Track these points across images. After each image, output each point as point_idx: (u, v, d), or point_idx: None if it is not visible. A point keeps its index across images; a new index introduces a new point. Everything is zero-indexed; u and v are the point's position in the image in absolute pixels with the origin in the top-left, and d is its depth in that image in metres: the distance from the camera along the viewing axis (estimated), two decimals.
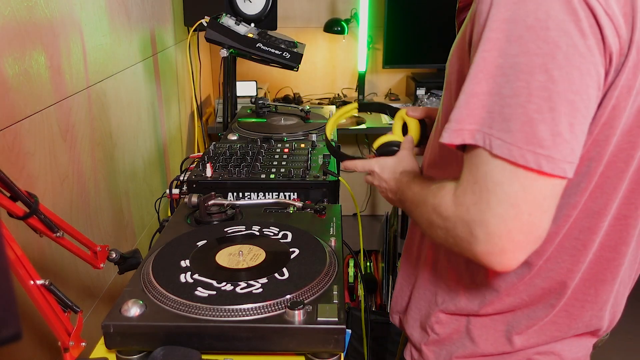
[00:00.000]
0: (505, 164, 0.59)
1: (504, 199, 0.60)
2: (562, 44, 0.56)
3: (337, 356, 0.77)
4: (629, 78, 0.61)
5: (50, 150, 1.21)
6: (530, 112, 0.57)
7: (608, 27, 0.57)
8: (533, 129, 0.57)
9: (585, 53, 0.57)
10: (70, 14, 1.33)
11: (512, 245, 0.61)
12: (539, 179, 0.59)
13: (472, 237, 0.63)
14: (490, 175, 0.60)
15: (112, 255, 1.01)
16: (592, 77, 0.58)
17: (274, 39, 1.80)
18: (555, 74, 0.56)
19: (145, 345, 0.77)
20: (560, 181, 0.60)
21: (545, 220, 0.61)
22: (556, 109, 0.57)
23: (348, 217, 1.04)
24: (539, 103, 0.57)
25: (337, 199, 1.30)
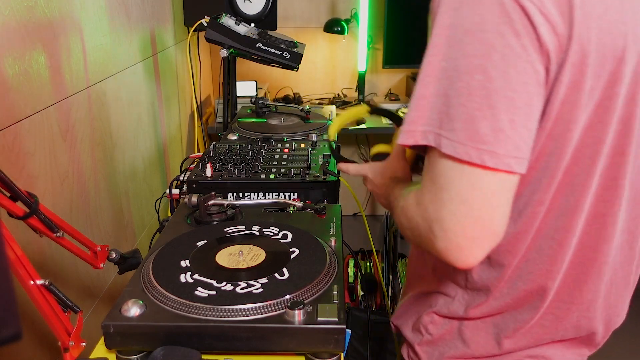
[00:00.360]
0: (453, 162, 0.61)
1: (455, 196, 0.62)
2: (497, 44, 0.59)
3: (337, 356, 0.77)
4: (575, 73, 0.62)
5: (50, 150, 1.21)
6: (472, 110, 0.60)
7: (543, 26, 0.59)
8: (475, 126, 0.59)
9: (521, 52, 0.59)
10: (70, 14, 1.33)
11: (467, 242, 0.62)
12: (486, 175, 0.60)
13: (432, 235, 0.65)
14: (442, 174, 0.63)
15: (112, 255, 1.01)
16: (529, 75, 0.60)
17: (274, 39, 1.80)
18: (493, 73, 0.59)
19: (145, 345, 0.77)
20: (508, 176, 0.61)
21: (498, 216, 0.62)
22: (495, 106, 0.59)
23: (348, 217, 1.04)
24: (479, 101, 0.59)
25: (337, 199, 1.30)
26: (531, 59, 0.59)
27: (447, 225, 0.63)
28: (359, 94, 3.19)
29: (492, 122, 0.59)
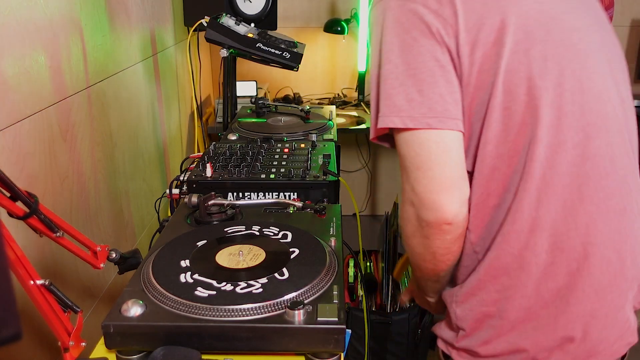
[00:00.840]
0: (397, 135, 0.80)
1: (410, 163, 0.79)
2: (396, 41, 0.79)
3: (337, 356, 0.77)
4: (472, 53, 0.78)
5: (50, 150, 1.21)
6: (388, 90, 0.79)
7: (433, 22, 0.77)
8: (393, 101, 0.78)
9: (413, 42, 0.78)
10: (70, 14, 1.33)
11: (435, 196, 0.77)
12: (417, 136, 0.77)
13: (415, 208, 0.81)
14: (399, 151, 0.81)
15: (112, 255, 1.01)
16: (427, 56, 0.77)
17: (274, 39, 1.80)
18: (397, 61, 0.79)
19: (145, 345, 0.77)
20: (435, 133, 0.77)
21: (448, 168, 0.77)
22: (404, 83, 0.78)
23: (348, 217, 1.05)
24: (391, 83, 0.79)
25: (337, 199, 1.30)
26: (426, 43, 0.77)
27: (417, 189, 0.79)
28: (359, 94, 3.19)
29: (405, 94, 0.77)
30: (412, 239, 0.87)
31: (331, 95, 3.31)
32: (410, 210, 0.83)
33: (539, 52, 0.78)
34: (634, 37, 3.25)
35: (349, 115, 2.93)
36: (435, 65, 0.77)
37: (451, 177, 0.77)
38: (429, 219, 0.80)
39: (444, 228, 0.80)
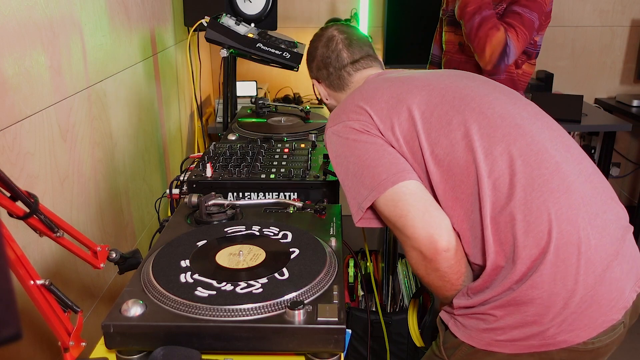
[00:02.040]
0: (377, 205, 0.99)
1: (396, 217, 0.97)
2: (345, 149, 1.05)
3: (337, 356, 0.77)
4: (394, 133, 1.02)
5: (50, 150, 1.21)
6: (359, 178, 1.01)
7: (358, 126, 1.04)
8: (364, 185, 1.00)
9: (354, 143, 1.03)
10: (70, 14, 1.33)
11: (425, 236, 0.94)
12: (388, 195, 0.97)
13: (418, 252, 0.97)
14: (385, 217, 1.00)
15: (112, 255, 1.01)
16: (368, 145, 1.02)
17: (274, 39, 1.80)
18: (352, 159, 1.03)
19: (145, 345, 0.77)
20: (399, 185, 0.96)
21: (422, 210, 0.95)
22: (363, 169, 1.01)
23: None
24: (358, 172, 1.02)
25: (337, 199, 1.30)
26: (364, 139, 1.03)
27: (412, 235, 0.95)
28: None
29: (369, 173, 0.99)
30: (427, 278, 0.99)
31: None
32: (414, 254, 0.97)
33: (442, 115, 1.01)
34: (634, 37, 3.25)
35: None
36: (380, 145, 1.02)
37: (428, 212, 0.95)
38: (429, 252, 0.94)
39: (444, 255, 0.94)
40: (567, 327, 0.90)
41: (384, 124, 1.04)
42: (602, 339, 0.92)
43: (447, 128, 1.00)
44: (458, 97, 1.04)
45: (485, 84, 1.11)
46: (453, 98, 1.04)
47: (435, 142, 1.00)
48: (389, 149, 1.02)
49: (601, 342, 0.93)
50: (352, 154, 1.03)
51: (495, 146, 0.96)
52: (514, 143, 0.96)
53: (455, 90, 1.06)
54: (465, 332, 0.98)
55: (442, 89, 1.06)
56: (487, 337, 0.95)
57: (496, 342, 0.94)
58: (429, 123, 1.01)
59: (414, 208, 0.95)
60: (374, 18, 3.13)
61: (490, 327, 0.94)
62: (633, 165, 3.52)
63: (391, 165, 0.99)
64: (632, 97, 3.10)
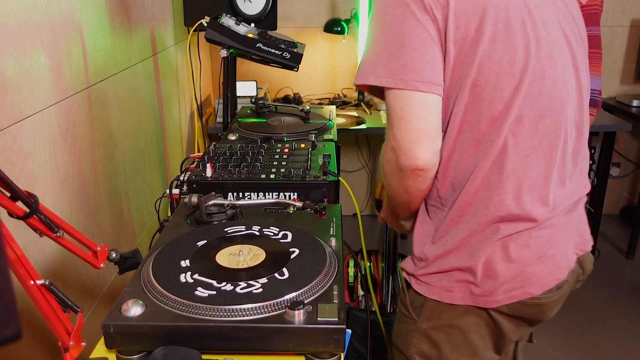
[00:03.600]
0: (388, 91, 0.95)
1: (395, 116, 0.94)
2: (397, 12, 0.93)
3: (337, 356, 0.77)
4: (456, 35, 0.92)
5: (50, 150, 1.21)
6: (386, 55, 0.93)
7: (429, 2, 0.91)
8: (390, 65, 0.93)
9: (410, 15, 0.92)
10: (70, 14, 1.33)
11: (411, 145, 0.93)
12: (405, 94, 0.92)
13: (394, 153, 0.97)
14: (387, 104, 0.96)
15: (112, 255, 1.01)
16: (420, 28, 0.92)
17: (274, 39, 1.80)
18: (395, 31, 0.93)
19: (145, 345, 0.77)
20: (419, 94, 0.92)
21: (426, 124, 0.93)
22: (399, 50, 0.92)
23: (348, 217, 1.05)
24: (389, 49, 0.93)
25: (337, 199, 1.30)
26: (418, 18, 0.91)
27: (398, 136, 0.94)
28: (359, 94, 3.19)
29: (399, 61, 0.92)
30: (390, 177, 1.03)
31: (331, 95, 3.31)
32: (390, 154, 0.98)
33: (512, 42, 0.93)
34: (634, 37, 3.25)
35: (349, 115, 2.93)
36: (427, 38, 0.93)
37: (427, 130, 0.94)
38: (404, 164, 0.96)
39: (416, 173, 0.97)
40: (519, 283, 0.99)
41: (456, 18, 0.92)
42: (549, 295, 1.01)
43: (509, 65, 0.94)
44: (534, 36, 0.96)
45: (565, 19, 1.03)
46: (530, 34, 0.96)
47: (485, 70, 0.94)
48: (436, 49, 0.93)
49: (547, 298, 1.01)
50: (398, 25, 0.93)
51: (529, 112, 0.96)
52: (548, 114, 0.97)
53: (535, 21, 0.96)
54: (427, 288, 1.05)
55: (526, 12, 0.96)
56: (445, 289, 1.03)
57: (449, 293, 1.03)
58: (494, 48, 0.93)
59: (417, 121, 0.93)
60: None
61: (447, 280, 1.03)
62: (633, 165, 3.52)
63: (428, 68, 0.92)
64: (632, 97, 3.10)
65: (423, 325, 1.08)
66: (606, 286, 2.86)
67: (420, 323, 1.08)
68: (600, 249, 3.20)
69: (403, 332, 1.13)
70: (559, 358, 2.32)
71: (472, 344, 1.05)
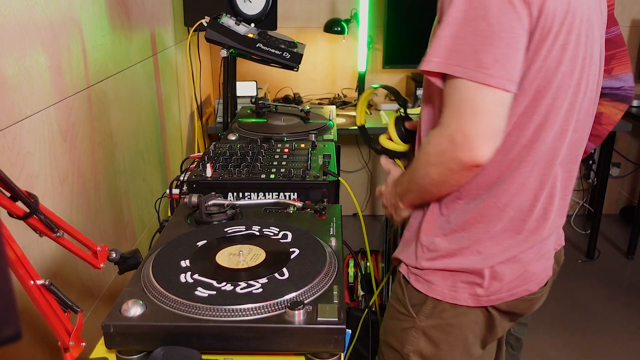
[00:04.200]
0: (466, 82, 0.86)
1: (471, 109, 0.87)
2: (493, 3, 0.84)
3: (337, 356, 0.77)
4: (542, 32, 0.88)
5: (50, 150, 1.21)
6: (477, 47, 0.85)
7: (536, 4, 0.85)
8: (480, 57, 0.85)
9: (509, 7, 0.84)
10: (70, 14, 1.33)
11: (480, 141, 0.87)
12: (489, 91, 0.85)
13: (454, 146, 0.89)
14: (459, 95, 0.88)
15: (112, 255, 1.01)
16: (517, 23, 0.85)
17: (274, 39, 1.80)
18: (493, 20, 0.84)
19: (145, 345, 0.77)
20: (503, 93, 0.86)
21: (498, 123, 0.87)
22: (493, 43, 0.84)
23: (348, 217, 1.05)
24: (482, 40, 0.85)
25: (337, 199, 1.30)
26: (518, 12, 0.85)
27: (467, 131, 0.87)
28: (359, 94, 3.19)
29: (492, 54, 0.84)
30: (432, 167, 0.96)
31: (331, 95, 3.31)
32: (448, 145, 0.90)
33: (576, 53, 0.92)
34: (634, 37, 3.25)
35: (349, 115, 2.93)
36: (522, 35, 0.87)
37: (499, 128, 0.88)
38: (465, 159, 0.89)
39: (472, 169, 0.91)
40: (521, 281, 1.02)
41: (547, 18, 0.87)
42: (542, 291, 1.05)
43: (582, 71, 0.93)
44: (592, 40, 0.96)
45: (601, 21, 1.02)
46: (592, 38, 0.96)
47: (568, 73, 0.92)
48: (523, 46, 0.88)
49: (540, 293, 1.06)
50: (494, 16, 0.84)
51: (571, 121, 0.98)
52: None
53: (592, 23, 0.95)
54: (429, 286, 1.04)
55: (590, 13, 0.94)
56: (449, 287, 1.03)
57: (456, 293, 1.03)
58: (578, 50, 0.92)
59: (493, 118, 0.87)
60: (374, 18, 3.13)
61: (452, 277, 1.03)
62: (633, 165, 3.52)
63: (517, 66, 0.87)
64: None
65: (422, 323, 1.07)
66: (606, 286, 2.86)
67: (419, 321, 1.07)
68: (600, 249, 3.20)
69: (397, 329, 1.12)
70: (559, 358, 2.32)
71: (467, 341, 1.07)
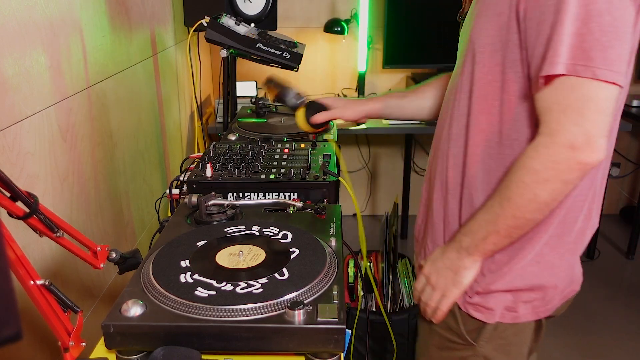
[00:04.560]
0: (591, 82, 0.81)
1: (595, 108, 0.82)
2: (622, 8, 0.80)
3: (337, 356, 0.77)
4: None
5: (50, 150, 1.21)
6: (604, 42, 0.79)
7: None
8: (607, 54, 0.79)
9: (627, 3, 0.80)
10: (70, 14, 1.33)
11: (603, 140, 0.83)
12: (613, 89, 0.81)
13: (574, 151, 0.83)
14: (578, 94, 0.81)
15: (112, 255, 1.01)
16: (631, 17, 0.82)
17: (274, 39, 1.80)
18: (617, 14, 0.79)
19: (145, 345, 0.77)
20: (618, 89, 0.82)
21: (613, 117, 0.86)
22: (619, 39, 0.80)
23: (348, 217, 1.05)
24: (608, 36, 0.79)
25: (337, 199, 1.30)
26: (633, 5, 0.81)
27: (591, 131, 0.82)
28: (359, 94, 3.19)
29: (618, 51, 0.80)
30: (542, 185, 0.86)
31: (331, 95, 3.31)
32: (563, 152, 0.83)
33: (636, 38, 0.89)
34: None
35: None
36: (633, 23, 0.84)
37: (613, 126, 0.88)
38: (589, 161, 0.83)
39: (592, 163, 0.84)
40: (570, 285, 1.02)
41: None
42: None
43: None
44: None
45: None
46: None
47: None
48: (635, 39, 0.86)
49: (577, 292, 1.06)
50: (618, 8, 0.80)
51: None
52: None
53: None
54: (489, 313, 1.00)
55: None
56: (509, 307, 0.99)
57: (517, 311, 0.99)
58: None
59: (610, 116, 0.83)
60: (374, 18, 3.13)
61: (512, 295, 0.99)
62: (633, 165, 3.52)
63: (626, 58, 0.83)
64: (632, 97, 3.10)
65: (483, 349, 1.02)
66: (606, 286, 2.86)
67: (479, 347, 1.02)
68: (600, 249, 3.20)
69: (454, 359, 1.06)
70: (560, 358, 2.32)
71: (524, 355, 1.04)
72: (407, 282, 2.20)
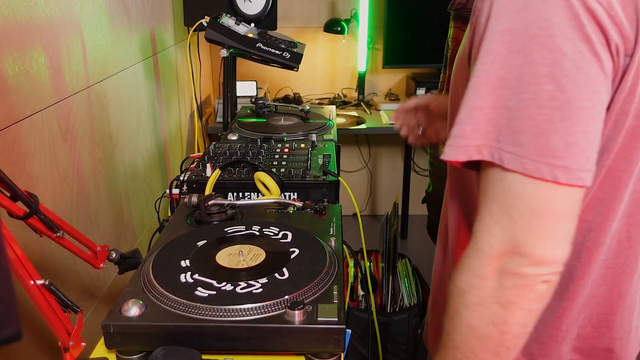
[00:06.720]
0: (520, 177, 0.58)
1: (526, 211, 0.59)
2: (568, 50, 0.55)
3: (337, 356, 0.77)
4: (633, 80, 0.60)
5: (50, 150, 1.21)
6: (541, 124, 0.56)
7: (612, 30, 0.55)
8: (545, 141, 0.56)
9: (592, 58, 0.56)
10: (70, 14, 1.33)
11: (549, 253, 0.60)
12: (557, 190, 0.58)
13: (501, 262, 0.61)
14: (508, 191, 0.59)
15: (112, 255, 1.01)
16: (601, 82, 0.57)
17: (274, 39, 1.80)
18: (564, 82, 0.55)
19: (145, 345, 0.77)
20: (578, 190, 0.59)
21: (572, 227, 0.60)
22: (568, 118, 0.56)
23: (348, 217, 1.05)
24: (549, 113, 0.56)
25: (337, 199, 1.30)
26: (603, 65, 0.56)
27: (524, 241, 0.59)
28: (359, 94, 3.19)
29: (565, 135, 0.56)
30: (479, 309, 0.64)
31: (331, 95, 3.31)
32: (495, 264, 0.62)
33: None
34: None
35: (349, 115, 2.93)
36: (606, 98, 0.59)
37: (572, 231, 0.61)
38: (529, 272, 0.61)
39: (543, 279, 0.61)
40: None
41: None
42: None
43: None
44: None
45: None
46: None
47: None
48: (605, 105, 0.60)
49: None
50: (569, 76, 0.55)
51: None
52: None
53: None
54: None
55: None
56: None
57: None
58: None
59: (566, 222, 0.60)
60: (374, 18, 3.13)
61: None
62: None
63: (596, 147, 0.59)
64: None
65: None
66: None
67: None
68: None
69: None
70: None
71: None
72: (407, 282, 2.20)
